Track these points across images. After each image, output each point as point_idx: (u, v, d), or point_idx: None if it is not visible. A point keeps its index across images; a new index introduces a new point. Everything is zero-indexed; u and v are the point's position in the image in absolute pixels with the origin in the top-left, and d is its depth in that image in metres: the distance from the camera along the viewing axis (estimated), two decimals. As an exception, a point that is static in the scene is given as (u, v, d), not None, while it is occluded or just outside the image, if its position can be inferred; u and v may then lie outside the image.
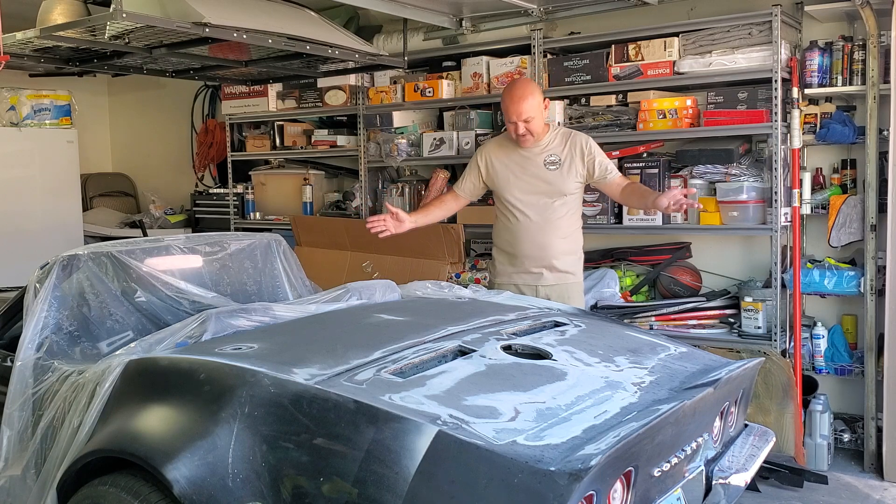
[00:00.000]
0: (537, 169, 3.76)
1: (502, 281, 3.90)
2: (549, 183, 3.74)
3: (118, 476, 2.28)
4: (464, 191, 3.98)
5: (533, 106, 3.64)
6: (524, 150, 3.78)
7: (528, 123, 3.65)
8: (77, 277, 3.02)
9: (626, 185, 3.78)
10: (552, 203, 3.74)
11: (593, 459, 1.82)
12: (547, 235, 3.75)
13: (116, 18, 3.18)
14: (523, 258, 3.80)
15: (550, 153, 3.76)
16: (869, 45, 3.92)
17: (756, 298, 4.06)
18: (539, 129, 3.71)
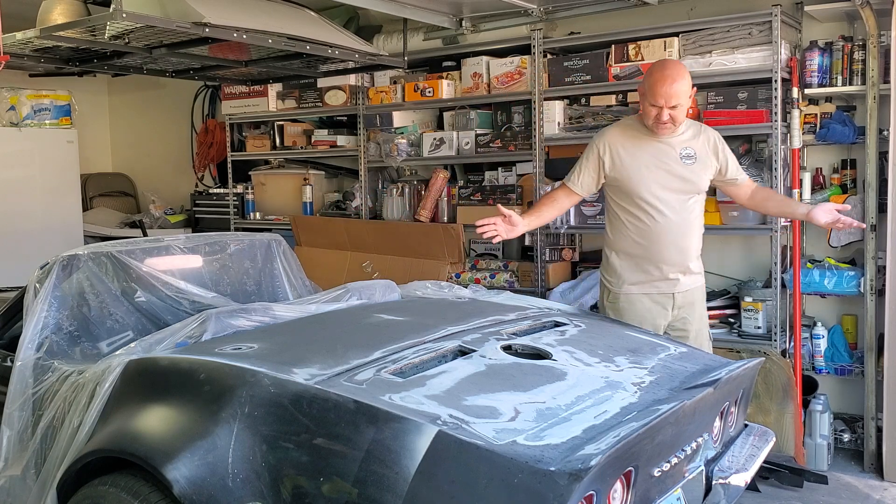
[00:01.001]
0: (673, 163, 3.37)
1: (630, 291, 3.47)
2: (684, 179, 3.38)
3: (118, 476, 2.28)
4: (580, 186, 3.51)
5: (683, 91, 3.26)
6: (659, 141, 3.38)
7: (674, 110, 3.26)
8: (77, 277, 3.02)
9: (757, 190, 3.56)
10: (688, 201, 3.41)
11: (593, 459, 1.83)
12: (686, 237, 3.42)
13: (116, 18, 3.18)
14: (661, 263, 3.40)
15: (686, 146, 3.40)
16: (869, 45, 3.92)
17: (756, 298, 4.06)
18: (682, 119, 3.35)
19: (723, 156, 3.46)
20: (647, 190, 3.36)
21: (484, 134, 4.89)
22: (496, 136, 4.82)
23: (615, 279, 3.49)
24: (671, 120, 3.28)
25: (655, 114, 3.28)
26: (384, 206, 5.29)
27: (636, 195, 3.38)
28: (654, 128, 3.34)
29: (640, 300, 3.44)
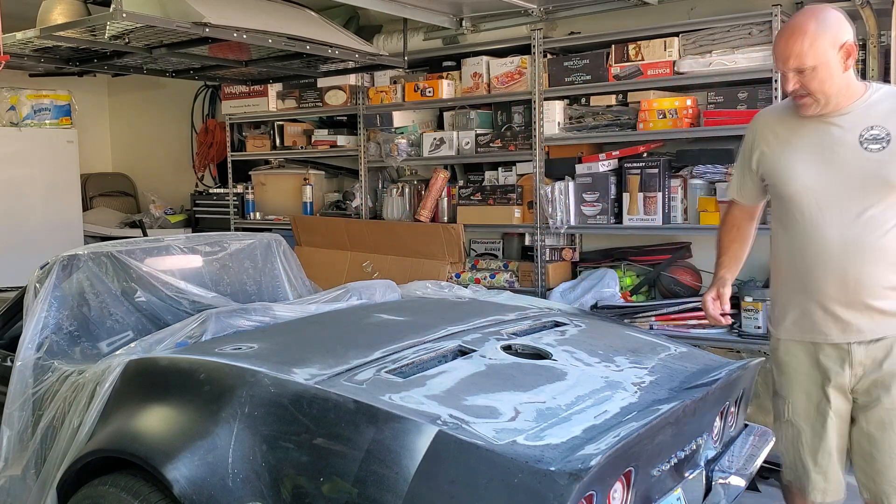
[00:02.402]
0: (847, 150, 2.39)
1: (784, 337, 2.59)
2: (864, 174, 2.37)
3: (118, 476, 2.28)
4: (742, 195, 2.71)
5: (813, 49, 2.31)
6: (825, 121, 2.43)
7: (804, 76, 2.34)
8: (77, 277, 3.02)
9: None
10: (871, 208, 2.38)
11: (593, 459, 1.83)
12: (866, 261, 2.39)
13: (116, 18, 3.19)
14: (821, 296, 2.45)
15: (871, 124, 2.38)
16: (869, 44, 3.92)
17: (756, 298, 4.06)
18: (830, 89, 2.36)
19: None
20: (800, 191, 2.45)
21: (484, 134, 4.89)
22: (496, 136, 4.82)
23: (772, 315, 2.68)
24: (808, 92, 2.36)
25: (785, 85, 2.42)
26: (384, 206, 5.29)
27: (786, 199, 2.50)
28: (797, 106, 2.45)
29: (797, 353, 2.54)
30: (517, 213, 4.74)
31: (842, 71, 2.35)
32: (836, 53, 2.34)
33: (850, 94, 2.40)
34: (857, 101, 2.41)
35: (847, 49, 2.34)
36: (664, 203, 4.28)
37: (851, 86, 2.41)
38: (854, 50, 2.35)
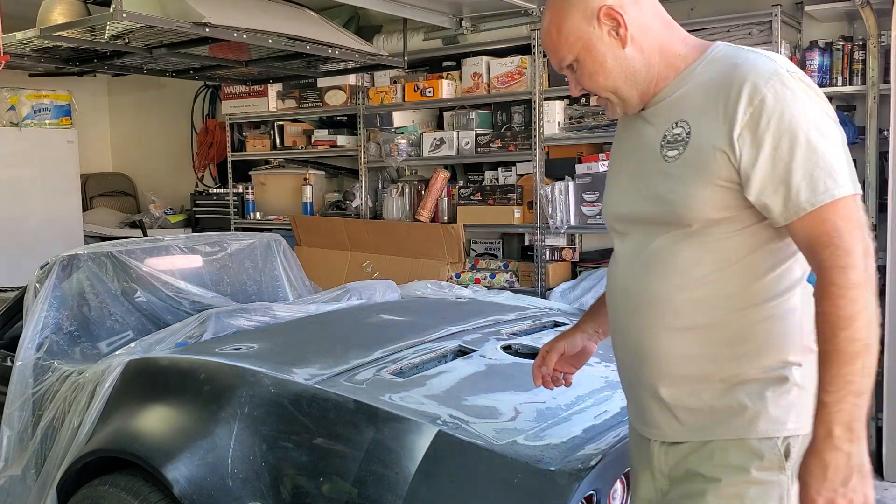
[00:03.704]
0: (649, 159, 1.57)
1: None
2: (656, 195, 1.54)
3: (118, 476, 2.28)
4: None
5: (562, 36, 1.57)
6: (638, 118, 1.63)
7: (573, 72, 1.61)
8: (77, 277, 3.02)
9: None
10: (659, 239, 1.54)
11: (593, 459, 1.83)
12: (647, 321, 1.55)
13: (116, 18, 3.19)
14: (618, 365, 1.69)
15: (677, 119, 1.53)
16: (869, 45, 3.92)
17: (756, 298, 4.06)
18: (609, 81, 1.57)
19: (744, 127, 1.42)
20: (607, 219, 1.71)
21: (484, 134, 4.89)
22: (496, 136, 4.82)
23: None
24: (590, 88, 1.61)
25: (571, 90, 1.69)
26: (384, 206, 5.29)
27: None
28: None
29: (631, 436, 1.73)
30: (517, 213, 4.73)
31: (619, 48, 1.54)
32: (596, 29, 1.54)
33: (663, 74, 1.56)
34: (674, 82, 1.56)
35: (608, 14, 1.52)
36: (664, 203, 4.28)
37: (654, 63, 1.55)
38: (620, 14, 1.52)
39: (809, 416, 1.39)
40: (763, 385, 1.47)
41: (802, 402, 1.47)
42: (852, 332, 1.34)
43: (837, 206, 1.38)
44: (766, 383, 1.48)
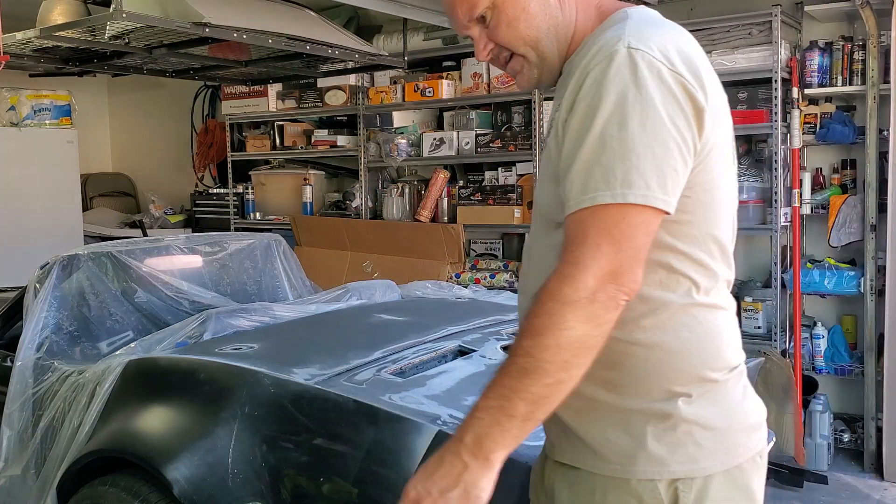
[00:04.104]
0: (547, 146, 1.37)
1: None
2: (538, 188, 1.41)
3: (118, 476, 2.28)
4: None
5: None
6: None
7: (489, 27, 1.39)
8: (77, 277, 3.02)
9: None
10: (537, 238, 1.39)
11: (593, 459, 1.82)
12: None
13: (116, 18, 3.18)
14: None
15: (560, 101, 1.31)
16: (869, 45, 3.92)
17: (756, 298, 4.06)
18: (529, 32, 1.34)
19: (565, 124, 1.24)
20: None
21: (484, 134, 4.88)
22: (496, 136, 4.82)
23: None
24: (506, 50, 1.39)
25: (478, 54, 1.48)
26: (384, 206, 5.29)
27: None
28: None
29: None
30: (517, 213, 4.73)
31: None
32: None
33: (578, 36, 1.34)
34: (578, 51, 1.33)
35: None
36: (664, 203, 4.27)
37: (571, 18, 1.33)
38: None
39: (712, 456, 1.24)
40: (644, 419, 1.25)
41: (697, 441, 1.25)
42: (530, 346, 1.14)
43: (599, 214, 1.14)
44: (647, 417, 1.25)
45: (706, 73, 1.24)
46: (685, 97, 1.18)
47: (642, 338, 1.25)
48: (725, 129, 1.30)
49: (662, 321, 1.25)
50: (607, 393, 1.27)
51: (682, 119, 1.17)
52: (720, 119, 1.26)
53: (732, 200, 1.34)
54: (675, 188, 1.17)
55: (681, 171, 1.18)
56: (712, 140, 1.23)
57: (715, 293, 1.30)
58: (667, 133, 1.16)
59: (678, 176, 1.18)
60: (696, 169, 1.22)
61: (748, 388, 1.38)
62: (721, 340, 1.31)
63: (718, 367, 1.28)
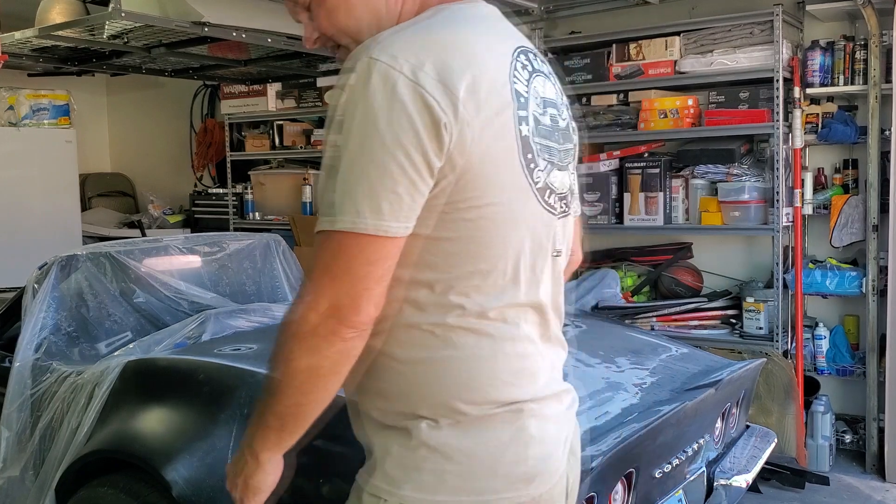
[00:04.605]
0: None
1: None
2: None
3: (117, 477, 2.27)
4: None
5: None
6: None
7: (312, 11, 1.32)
8: (76, 278, 3.01)
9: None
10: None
11: (594, 461, 1.81)
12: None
13: (115, 18, 3.18)
14: None
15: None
16: (871, 44, 3.91)
17: (758, 299, 4.05)
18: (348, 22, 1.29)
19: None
20: None
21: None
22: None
23: None
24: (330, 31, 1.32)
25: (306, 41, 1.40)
26: (384, 206, 5.27)
27: None
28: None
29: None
30: (517, 213, 4.72)
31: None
32: None
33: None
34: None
35: None
36: (665, 203, 4.27)
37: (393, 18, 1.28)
38: None
39: (454, 493, 1.17)
40: (393, 435, 1.23)
41: (437, 471, 1.18)
42: (273, 368, 1.18)
43: (322, 242, 1.13)
44: (396, 434, 1.22)
45: (477, 84, 1.13)
46: (420, 111, 1.09)
47: (398, 353, 1.22)
48: (503, 141, 1.16)
49: (415, 340, 1.21)
50: (371, 404, 1.26)
51: (410, 136, 1.09)
52: (492, 131, 1.14)
53: (528, 216, 1.21)
54: (396, 212, 1.10)
55: (405, 192, 1.10)
56: (475, 155, 1.12)
57: (487, 320, 1.19)
58: (386, 153, 1.09)
59: (400, 198, 1.10)
60: (449, 187, 1.13)
61: (531, 434, 1.21)
62: (484, 372, 1.19)
63: (474, 400, 1.18)
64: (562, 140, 1.30)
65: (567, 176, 1.33)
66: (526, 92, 1.21)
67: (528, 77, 1.23)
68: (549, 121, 1.27)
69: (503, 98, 1.17)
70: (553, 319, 1.31)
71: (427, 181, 1.11)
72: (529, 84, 1.23)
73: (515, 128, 1.18)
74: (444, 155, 1.11)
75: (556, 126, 1.29)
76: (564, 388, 1.33)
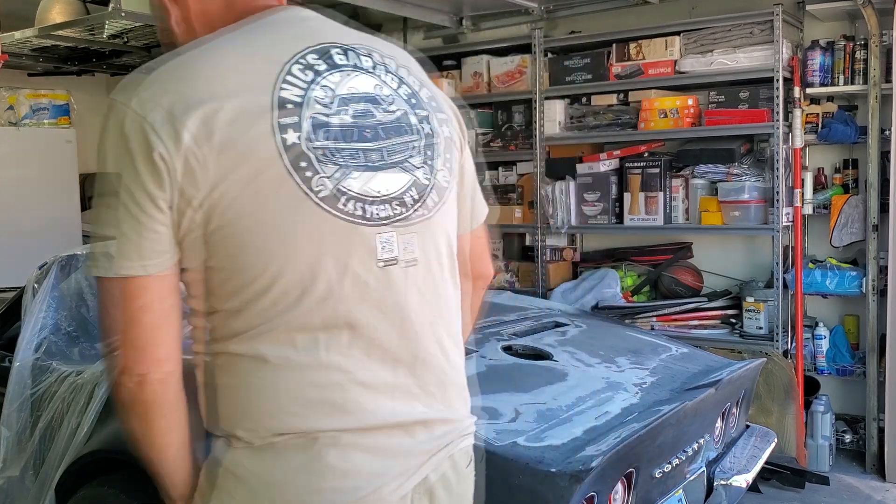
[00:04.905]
0: None
1: None
2: None
3: (117, 477, 2.27)
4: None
5: None
6: None
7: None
8: (75, 277, 3.00)
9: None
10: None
11: (594, 461, 1.81)
12: None
13: (115, 17, 3.18)
14: None
15: None
16: (871, 44, 3.90)
17: (758, 299, 4.05)
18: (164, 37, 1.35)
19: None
20: None
21: (484, 133, 4.87)
22: (497, 136, 4.81)
23: None
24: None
25: None
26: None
27: None
28: None
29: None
30: (518, 212, 4.72)
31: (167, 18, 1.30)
32: None
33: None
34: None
35: None
36: (665, 203, 4.27)
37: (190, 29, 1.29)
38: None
39: None
40: (209, 445, 1.27)
41: (231, 491, 1.19)
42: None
43: (99, 285, 1.14)
44: (210, 445, 1.26)
45: (217, 110, 1.08)
46: (140, 144, 1.07)
47: (200, 377, 1.29)
48: (255, 161, 1.08)
49: (207, 367, 1.26)
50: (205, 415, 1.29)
51: (131, 172, 1.07)
52: (237, 154, 1.07)
53: (311, 230, 1.12)
54: (141, 250, 1.08)
55: (130, 230, 1.08)
56: (220, 183, 1.07)
57: (271, 346, 1.14)
58: (117, 194, 1.09)
59: (127, 238, 1.08)
60: (199, 218, 1.09)
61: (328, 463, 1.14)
62: (263, 401, 1.16)
63: (253, 429, 1.16)
64: (387, 135, 1.19)
65: (404, 175, 1.19)
66: (300, 96, 1.12)
67: (311, 78, 1.14)
68: (352, 118, 1.16)
69: (256, 114, 1.09)
70: (410, 339, 1.18)
71: (155, 216, 1.08)
72: (313, 85, 1.14)
73: (276, 139, 1.09)
74: (167, 188, 1.07)
75: (369, 122, 1.17)
76: (421, 420, 1.19)
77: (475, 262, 1.41)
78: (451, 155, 1.28)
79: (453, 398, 1.25)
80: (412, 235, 1.19)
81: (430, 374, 1.21)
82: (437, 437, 1.21)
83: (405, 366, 1.18)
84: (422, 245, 1.20)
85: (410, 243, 1.18)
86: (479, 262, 1.43)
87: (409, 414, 1.18)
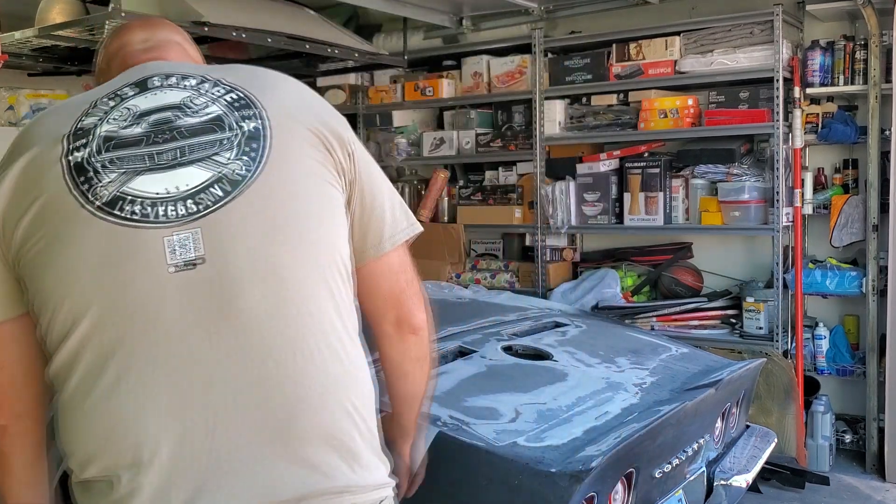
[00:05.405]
0: None
1: None
2: None
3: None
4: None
5: None
6: None
7: None
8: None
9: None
10: None
11: (594, 461, 1.81)
12: None
13: (115, 17, 3.17)
14: None
15: None
16: (871, 44, 3.90)
17: (758, 299, 4.05)
18: None
19: None
20: None
21: (484, 133, 4.87)
22: (496, 136, 4.81)
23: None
24: None
25: None
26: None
27: None
28: None
29: None
30: (518, 213, 4.72)
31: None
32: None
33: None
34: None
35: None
36: (665, 203, 4.27)
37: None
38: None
39: None
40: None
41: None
42: None
43: None
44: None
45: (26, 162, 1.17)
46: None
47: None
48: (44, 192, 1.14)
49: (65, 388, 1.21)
50: None
51: None
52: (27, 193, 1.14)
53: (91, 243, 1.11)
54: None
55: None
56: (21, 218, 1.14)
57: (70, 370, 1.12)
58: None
59: None
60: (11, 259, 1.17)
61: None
62: (70, 432, 1.15)
63: (77, 463, 1.15)
64: (191, 135, 1.17)
65: (201, 171, 1.15)
66: (97, 121, 1.18)
67: (112, 105, 1.21)
68: (148, 127, 1.17)
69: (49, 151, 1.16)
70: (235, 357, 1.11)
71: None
72: (112, 111, 1.20)
73: (62, 163, 1.14)
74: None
75: (167, 126, 1.18)
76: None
77: (388, 303, 1.26)
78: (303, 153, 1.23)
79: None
80: (221, 231, 1.12)
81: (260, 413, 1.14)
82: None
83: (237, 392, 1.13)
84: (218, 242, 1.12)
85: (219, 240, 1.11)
86: (395, 303, 1.27)
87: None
